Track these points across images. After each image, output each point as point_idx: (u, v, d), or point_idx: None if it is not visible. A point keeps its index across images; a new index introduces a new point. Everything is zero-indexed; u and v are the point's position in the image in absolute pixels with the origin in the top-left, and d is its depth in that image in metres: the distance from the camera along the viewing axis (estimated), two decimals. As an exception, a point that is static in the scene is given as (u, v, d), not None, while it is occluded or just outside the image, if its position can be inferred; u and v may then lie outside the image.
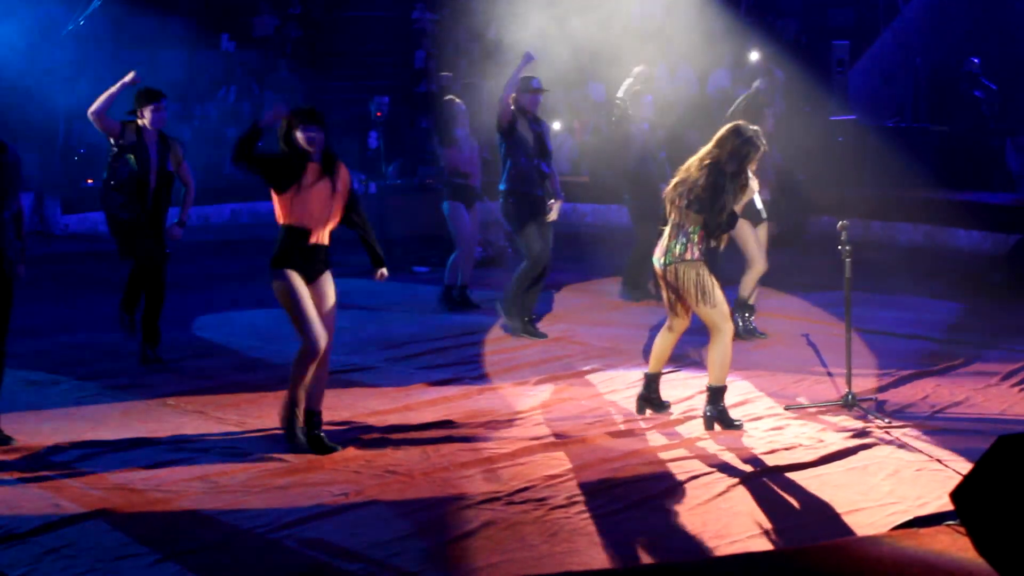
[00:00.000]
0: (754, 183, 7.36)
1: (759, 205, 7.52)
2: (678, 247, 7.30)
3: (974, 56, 16.57)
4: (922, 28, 18.49)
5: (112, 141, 8.94)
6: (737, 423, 7.41)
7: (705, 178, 7.23)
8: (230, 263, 14.07)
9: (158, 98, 8.91)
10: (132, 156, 8.85)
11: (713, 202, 7.19)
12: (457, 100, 11.30)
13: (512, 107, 9.67)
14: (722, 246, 7.45)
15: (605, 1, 17.12)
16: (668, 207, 7.41)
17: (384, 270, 7.33)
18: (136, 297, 9.10)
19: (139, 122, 8.91)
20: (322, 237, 6.96)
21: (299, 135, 6.85)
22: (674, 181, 7.41)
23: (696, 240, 7.28)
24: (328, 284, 7.01)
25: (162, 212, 9.04)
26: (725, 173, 7.21)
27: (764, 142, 7.40)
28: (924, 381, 8.46)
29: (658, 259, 7.43)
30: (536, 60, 9.87)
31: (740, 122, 7.44)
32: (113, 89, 8.88)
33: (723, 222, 7.24)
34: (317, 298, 6.95)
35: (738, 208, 7.34)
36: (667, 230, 7.40)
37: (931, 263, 13.44)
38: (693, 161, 7.37)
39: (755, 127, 7.42)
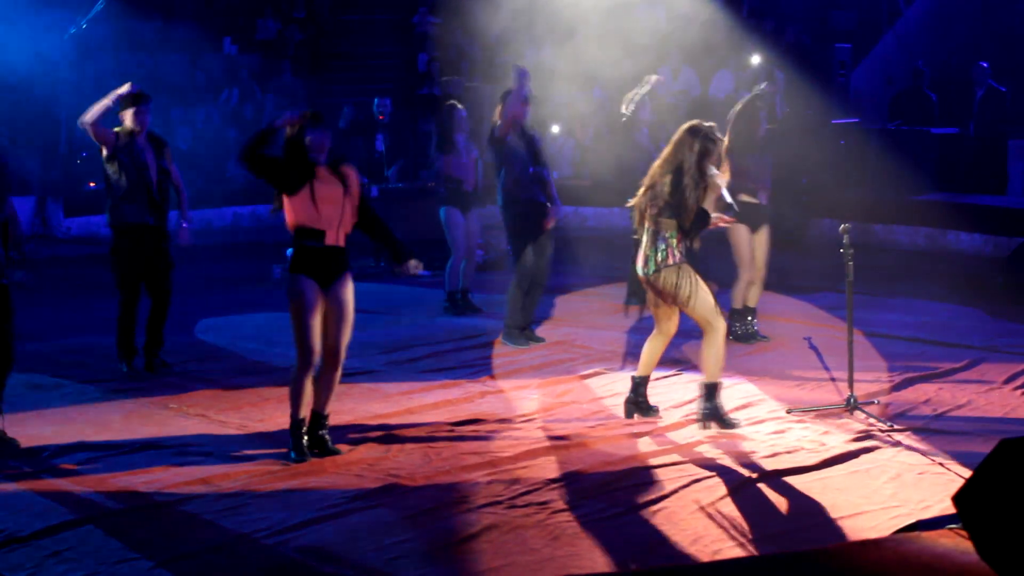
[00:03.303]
0: (720, 179, 7.40)
1: (728, 199, 7.52)
2: (659, 254, 7.36)
3: (977, 59, 16.55)
4: (925, 30, 18.47)
5: (104, 151, 8.87)
6: (732, 422, 7.43)
7: (670, 182, 7.29)
8: (232, 267, 14.07)
9: (138, 101, 8.81)
10: (127, 160, 8.79)
11: (682, 203, 7.25)
12: (459, 105, 11.29)
13: (511, 124, 9.67)
14: (696, 245, 7.46)
15: (608, 4, 17.15)
16: (638, 216, 7.47)
17: (414, 261, 7.11)
18: (130, 340, 8.99)
19: (127, 125, 8.85)
20: (339, 239, 6.89)
21: (309, 139, 6.84)
22: (641, 190, 7.48)
23: (675, 244, 7.34)
24: (345, 288, 6.93)
25: (165, 213, 9.01)
26: (687, 173, 7.26)
27: (720, 136, 7.46)
28: (926, 384, 8.45)
29: (641, 268, 7.48)
30: (529, 75, 9.85)
31: (694, 121, 7.49)
32: (106, 100, 8.72)
33: (695, 221, 7.29)
34: (333, 302, 6.89)
35: (709, 206, 7.38)
36: (643, 239, 7.46)
37: (933, 266, 13.44)
38: (655, 167, 7.45)
39: (710, 123, 7.47)
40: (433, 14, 20.80)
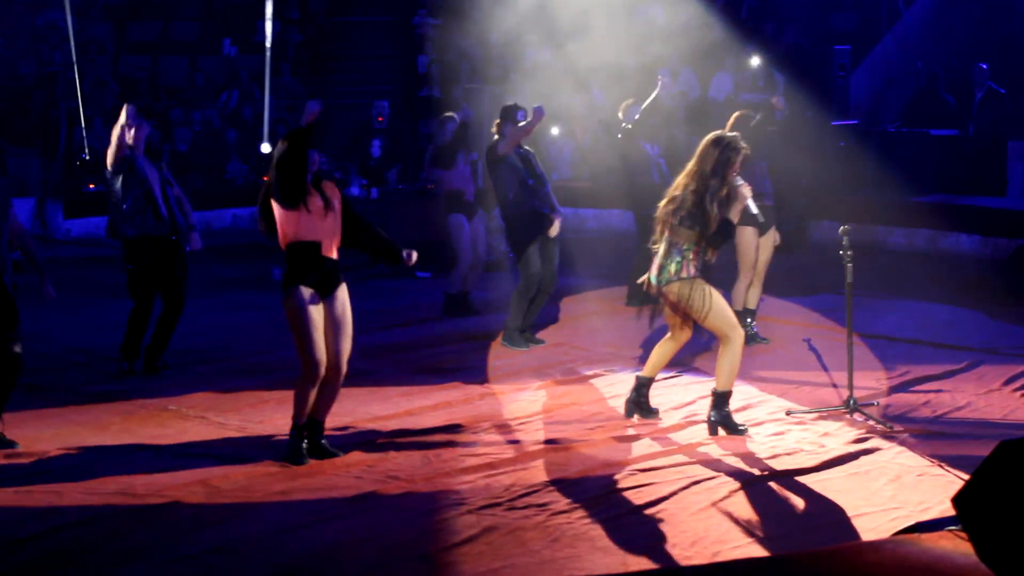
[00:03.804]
0: (746, 189, 7.39)
1: (754, 210, 7.54)
2: (673, 265, 7.34)
3: (977, 60, 16.56)
4: (924, 32, 18.48)
5: (109, 171, 8.86)
6: (742, 428, 7.42)
7: (693, 192, 7.28)
8: (231, 268, 14.07)
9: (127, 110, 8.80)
10: (131, 175, 8.78)
11: (704, 215, 7.24)
12: (454, 118, 11.37)
13: (512, 145, 9.74)
14: (712, 259, 7.44)
15: (608, 7, 17.14)
16: (659, 226, 7.45)
17: (406, 251, 7.12)
18: (136, 344, 9.02)
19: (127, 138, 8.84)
20: (332, 250, 6.89)
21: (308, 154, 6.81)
22: (665, 200, 7.46)
23: (691, 258, 7.32)
24: (343, 299, 6.93)
25: (175, 222, 8.97)
26: (711, 184, 7.26)
27: (745, 145, 7.45)
28: (926, 386, 8.45)
29: (655, 277, 7.46)
30: (546, 115, 9.99)
31: (718, 132, 7.49)
32: (114, 141, 8.75)
33: (719, 231, 7.28)
34: (333, 313, 6.87)
35: (734, 216, 7.37)
36: (660, 248, 7.44)
37: (932, 268, 13.43)
38: (680, 179, 7.44)
39: (734, 133, 7.47)
40: (433, 16, 20.80)
